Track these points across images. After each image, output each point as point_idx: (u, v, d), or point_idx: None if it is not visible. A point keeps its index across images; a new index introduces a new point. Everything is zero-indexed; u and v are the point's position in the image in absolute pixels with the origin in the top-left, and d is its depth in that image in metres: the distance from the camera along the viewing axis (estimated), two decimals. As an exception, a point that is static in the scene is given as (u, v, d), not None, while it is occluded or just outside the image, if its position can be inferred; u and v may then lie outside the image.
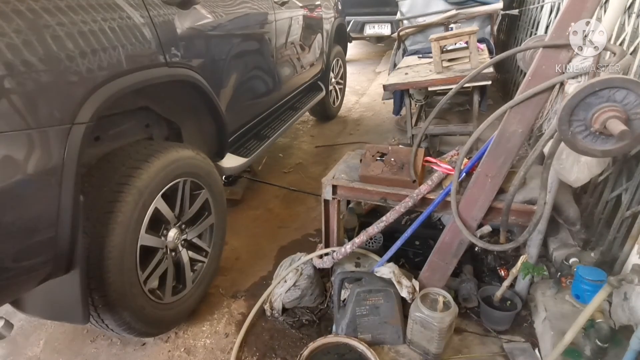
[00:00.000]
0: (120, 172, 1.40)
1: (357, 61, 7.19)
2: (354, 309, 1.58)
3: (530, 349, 1.57)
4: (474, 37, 2.56)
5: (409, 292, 1.58)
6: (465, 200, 1.55)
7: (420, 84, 2.68)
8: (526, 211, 1.52)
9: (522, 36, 3.94)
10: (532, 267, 1.59)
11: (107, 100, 1.25)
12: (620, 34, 1.84)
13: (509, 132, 1.42)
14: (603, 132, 1.09)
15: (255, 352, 1.65)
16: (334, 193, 1.78)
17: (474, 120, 2.70)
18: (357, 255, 1.88)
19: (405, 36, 3.61)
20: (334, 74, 4.15)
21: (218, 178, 1.86)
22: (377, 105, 4.69)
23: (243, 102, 2.29)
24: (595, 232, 1.77)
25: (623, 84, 1.05)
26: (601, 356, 1.36)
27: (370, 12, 6.13)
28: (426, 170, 1.77)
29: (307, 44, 3.23)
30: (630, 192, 1.55)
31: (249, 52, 2.28)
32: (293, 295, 1.78)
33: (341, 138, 3.91)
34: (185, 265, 1.72)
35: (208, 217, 1.83)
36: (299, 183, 3.04)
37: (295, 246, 2.29)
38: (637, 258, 1.40)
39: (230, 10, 2.06)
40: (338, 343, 1.57)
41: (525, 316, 1.71)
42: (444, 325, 1.46)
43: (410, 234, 1.66)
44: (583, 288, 1.52)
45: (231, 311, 1.87)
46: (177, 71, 1.61)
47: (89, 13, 1.22)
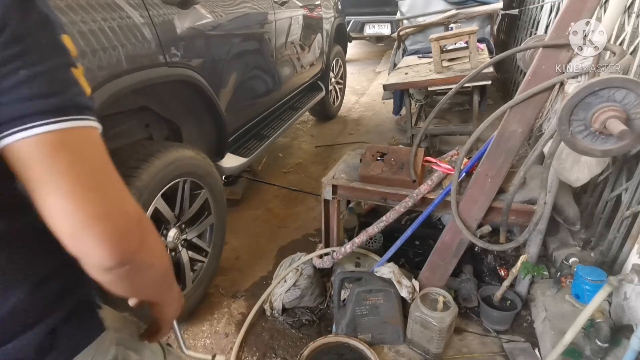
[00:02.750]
0: (120, 172, 1.39)
1: (357, 61, 7.18)
2: (354, 309, 1.58)
3: (530, 348, 1.57)
4: (474, 37, 2.56)
5: (409, 292, 1.58)
6: (465, 200, 1.55)
7: (420, 84, 2.68)
8: (526, 211, 1.52)
9: (522, 36, 3.94)
10: (532, 267, 1.59)
11: (107, 100, 1.25)
12: (620, 34, 1.84)
13: (509, 132, 1.42)
14: (603, 131, 1.09)
15: (255, 352, 1.65)
16: (334, 193, 1.78)
17: (473, 120, 2.70)
18: (357, 255, 1.88)
19: (405, 36, 3.61)
20: (334, 74, 4.14)
21: (218, 178, 1.86)
22: (377, 105, 4.69)
23: (243, 102, 2.29)
24: (595, 232, 1.77)
25: (623, 84, 1.05)
26: (601, 356, 1.36)
27: (370, 12, 6.12)
28: (426, 170, 1.77)
29: (307, 44, 3.23)
30: (630, 192, 1.55)
31: (248, 52, 2.28)
32: (293, 295, 1.78)
33: (341, 138, 3.91)
34: (185, 265, 1.72)
35: (208, 217, 1.83)
36: (299, 183, 3.04)
37: (295, 246, 2.29)
38: (637, 258, 1.40)
39: (230, 10, 2.06)
40: (338, 343, 1.57)
41: (525, 316, 1.71)
42: (444, 325, 1.46)
43: (410, 233, 1.66)
44: (583, 288, 1.52)
45: (231, 311, 1.87)
46: (177, 71, 1.61)
47: (88, 13, 1.22)
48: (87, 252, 0.46)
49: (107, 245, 0.46)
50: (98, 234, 0.45)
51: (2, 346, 0.46)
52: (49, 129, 0.43)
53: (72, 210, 0.44)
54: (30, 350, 0.48)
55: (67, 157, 0.44)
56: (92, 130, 0.48)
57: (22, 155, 0.43)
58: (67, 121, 0.44)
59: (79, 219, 0.45)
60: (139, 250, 0.49)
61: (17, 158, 0.43)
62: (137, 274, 0.52)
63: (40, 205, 0.45)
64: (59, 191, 0.44)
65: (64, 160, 0.44)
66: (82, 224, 0.45)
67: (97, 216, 0.46)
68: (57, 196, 0.44)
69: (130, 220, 0.49)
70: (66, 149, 0.44)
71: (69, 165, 0.44)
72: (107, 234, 0.46)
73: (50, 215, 0.45)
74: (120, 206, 0.49)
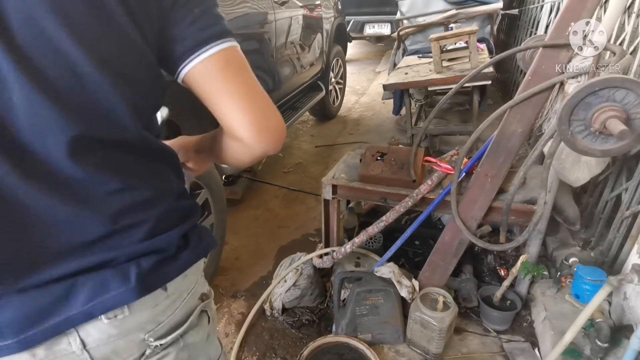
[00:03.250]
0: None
1: (357, 61, 7.18)
2: (353, 309, 1.58)
3: (530, 348, 1.57)
4: (474, 36, 2.56)
5: (408, 292, 1.58)
6: (465, 200, 1.55)
7: (420, 84, 2.68)
8: (526, 211, 1.52)
9: (522, 36, 3.94)
10: (532, 267, 1.59)
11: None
12: (620, 34, 1.84)
13: (509, 131, 1.42)
14: (603, 131, 1.09)
15: (255, 351, 1.65)
16: (334, 193, 1.78)
17: (473, 120, 2.70)
18: (357, 255, 1.88)
19: (405, 36, 3.61)
20: (334, 74, 4.15)
21: (218, 178, 1.86)
22: (377, 105, 4.69)
23: (243, 102, 2.29)
24: (595, 232, 1.77)
25: (623, 84, 1.05)
26: (601, 356, 1.36)
27: (370, 11, 6.12)
28: (426, 170, 1.77)
29: (307, 44, 3.23)
30: (630, 191, 1.55)
31: (248, 52, 2.28)
32: (293, 295, 1.78)
33: (341, 138, 3.91)
34: (185, 265, 1.71)
35: (208, 217, 1.83)
36: (299, 183, 3.04)
37: (295, 246, 2.29)
38: (637, 258, 1.40)
39: (230, 10, 2.06)
40: (338, 343, 1.57)
41: (525, 316, 1.71)
42: (443, 325, 1.46)
43: (410, 233, 1.66)
44: (583, 288, 1.52)
45: (231, 311, 1.87)
46: (176, 71, 1.61)
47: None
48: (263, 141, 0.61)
49: (276, 136, 0.62)
50: (269, 126, 0.61)
51: (154, 238, 0.59)
52: (219, 49, 0.58)
53: (248, 107, 0.60)
54: (172, 244, 0.62)
55: (233, 67, 0.60)
56: (239, 48, 0.63)
57: (205, 73, 0.58)
58: (228, 42, 0.59)
59: (255, 113, 0.60)
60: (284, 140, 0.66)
61: (199, 77, 0.58)
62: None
63: (223, 110, 0.60)
64: (236, 95, 0.59)
65: (232, 70, 0.60)
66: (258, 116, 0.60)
67: (266, 110, 0.62)
68: (236, 99, 0.59)
69: (280, 116, 0.65)
70: (231, 62, 0.60)
71: (236, 73, 0.60)
72: (275, 125, 0.62)
73: (233, 115, 0.59)
74: (273, 105, 0.64)
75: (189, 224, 0.65)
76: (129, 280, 0.56)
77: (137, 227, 0.58)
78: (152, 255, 0.59)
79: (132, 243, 0.58)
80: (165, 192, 0.63)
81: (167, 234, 0.61)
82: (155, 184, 0.61)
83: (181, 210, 0.65)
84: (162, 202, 0.61)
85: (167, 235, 0.61)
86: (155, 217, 0.60)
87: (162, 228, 0.61)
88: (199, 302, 0.69)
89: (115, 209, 0.56)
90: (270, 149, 0.63)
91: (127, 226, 0.57)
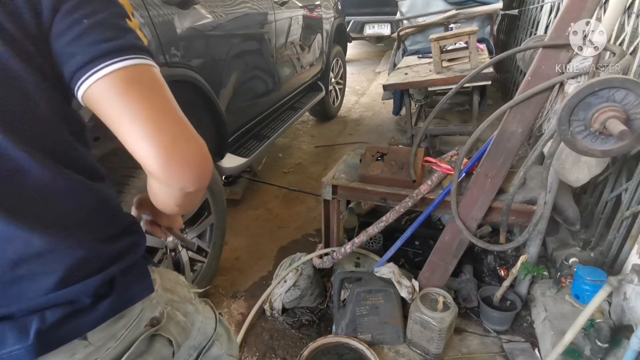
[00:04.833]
0: (120, 172, 1.39)
1: (357, 61, 7.18)
2: (353, 309, 1.58)
3: (530, 349, 1.57)
4: (474, 37, 2.56)
5: (408, 292, 1.58)
6: (465, 200, 1.55)
7: (420, 84, 2.68)
8: (526, 211, 1.52)
9: (522, 36, 3.93)
10: (532, 267, 1.59)
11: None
12: (620, 34, 1.84)
13: (509, 132, 1.42)
14: (603, 132, 1.09)
15: (255, 352, 1.65)
16: (334, 193, 1.78)
17: (473, 120, 2.70)
18: (357, 255, 1.88)
19: (405, 36, 3.61)
20: (334, 74, 4.15)
21: (218, 178, 1.86)
22: (377, 105, 4.69)
23: (243, 102, 2.29)
24: (595, 232, 1.77)
25: (623, 84, 1.05)
26: (601, 356, 1.36)
27: (370, 12, 6.12)
28: (426, 170, 1.77)
29: (306, 44, 3.23)
30: (630, 192, 1.55)
31: (248, 52, 2.28)
32: (293, 295, 1.78)
33: (341, 138, 3.91)
34: (185, 266, 1.72)
35: (208, 217, 1.83)
36: (299, 183, 3.04)
37: (295, 246, 2.29)
38: (637, 258, 1.40)
39: (230, 10, 2.06)
40: (338, 343, 1.57)
41: (525, 316, 1.71)
42: (443, 325, 1.46)
43: (410, 234, 1.66)
44: (583, 288, 1.52)
45: (231, 311, 1.87)
46: (176, 71, 1.61)
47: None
48: (174, 175, 0.52)
49: (192, 168, 0.53)
50: (183, 156, 0.52)
51: (65, 288, 0.53)
52: (117, 67, 0.49)
53: (154, 134, 0.50)
54: (87, 294, 0.55)
55: (138, 88, 0.51)
56: (153, 67, 0.54)
57: (101, 95, 0.50)
58: (131, 59, 0.51)
59: (163, 141, 0.51)
60: (210, 173, 0.57)
61: (96, 99, 0.50)
62: (200, 195, 0.60)
63: (125, 137, 0.51)
64: (139, 120, 0.50)
65: (136, 91, 0.51)
66: (167, 145, 0.51)
67: (178, 138, 0.52)
68: (139, 124, 0.50)
69: (202, 145, 0.56)
70: (135, 82, 0.51)
71: (142, 95, 0.51)
72: (191, 156, 0.53)
73: (136, 143, 0.51)
74: (193, 132, 0.55)
75: (118, 268, 0.58)
76: (27, 336, 0.51)
77: (41, 277, 0.52)
78: (60, 307, 0.53)
79: (36, 295, 0.52)
80: (85, 237, 0.56)
81: (82, 283, 0.55)
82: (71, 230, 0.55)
83: (107, 255, 0.58)
84: (76, 250, 0.55)
85: (83, 284, 0.55)
86: (66, 265, 0.53)
87: (75, 277, 0.54)
88: (145, 329, 0.63)
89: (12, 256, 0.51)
90: (188, 185, 0.54)
91: (28, 275, 0.52)
